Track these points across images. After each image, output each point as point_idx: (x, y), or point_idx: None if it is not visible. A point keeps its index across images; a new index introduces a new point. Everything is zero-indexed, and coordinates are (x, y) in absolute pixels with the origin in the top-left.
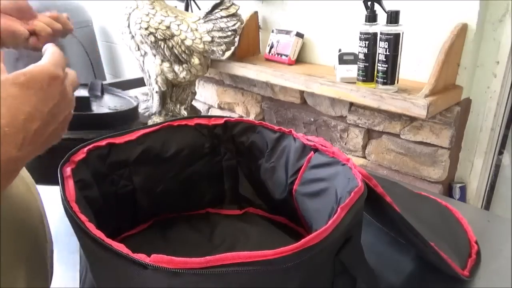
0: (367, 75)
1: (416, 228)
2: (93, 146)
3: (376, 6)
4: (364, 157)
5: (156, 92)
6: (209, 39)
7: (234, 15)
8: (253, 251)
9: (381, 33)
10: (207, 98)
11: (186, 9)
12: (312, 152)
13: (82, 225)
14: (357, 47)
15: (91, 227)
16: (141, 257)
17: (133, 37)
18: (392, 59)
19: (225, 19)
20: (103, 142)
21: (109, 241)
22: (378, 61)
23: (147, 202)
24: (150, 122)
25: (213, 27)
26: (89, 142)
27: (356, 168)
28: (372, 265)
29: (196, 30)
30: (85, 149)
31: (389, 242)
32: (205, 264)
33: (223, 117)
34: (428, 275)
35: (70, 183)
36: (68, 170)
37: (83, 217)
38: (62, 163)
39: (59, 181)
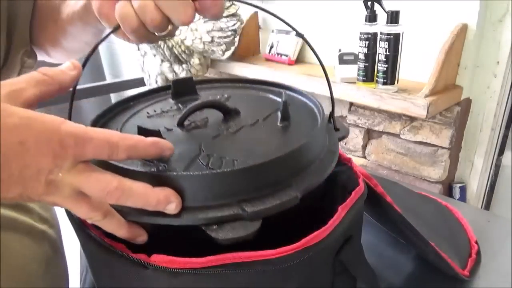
0: (367, 75)
1: (416, 228)
2: None
3: (376, 6)
4: (364, 157)
5: None
6: (209, 39)
7: (234, 15)
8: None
9: (381, 33)
10: None
11: None
12: None
13: (82, 225)
14: (357, 47)
15: (91, 227)
16: (141, 257)
17: None
18: (392, 59)
19: (225, 19)
20: None
21: (109, 241)
22: (378, 61)
23: None
24: None
25: (213, 27)
26: None
27: (357, 168)
28: (372, 265)
29: (196, 30)
30: None
31: (389, 242)
32: (206, 264)
33: None
34: (428, 275)
35: None
36: None
37: None
38: None
39: None
